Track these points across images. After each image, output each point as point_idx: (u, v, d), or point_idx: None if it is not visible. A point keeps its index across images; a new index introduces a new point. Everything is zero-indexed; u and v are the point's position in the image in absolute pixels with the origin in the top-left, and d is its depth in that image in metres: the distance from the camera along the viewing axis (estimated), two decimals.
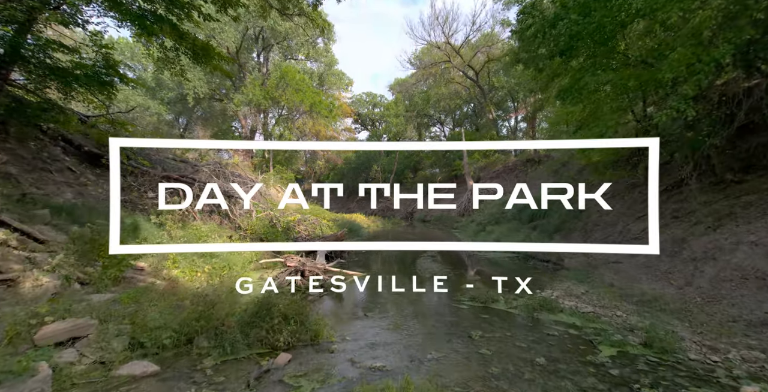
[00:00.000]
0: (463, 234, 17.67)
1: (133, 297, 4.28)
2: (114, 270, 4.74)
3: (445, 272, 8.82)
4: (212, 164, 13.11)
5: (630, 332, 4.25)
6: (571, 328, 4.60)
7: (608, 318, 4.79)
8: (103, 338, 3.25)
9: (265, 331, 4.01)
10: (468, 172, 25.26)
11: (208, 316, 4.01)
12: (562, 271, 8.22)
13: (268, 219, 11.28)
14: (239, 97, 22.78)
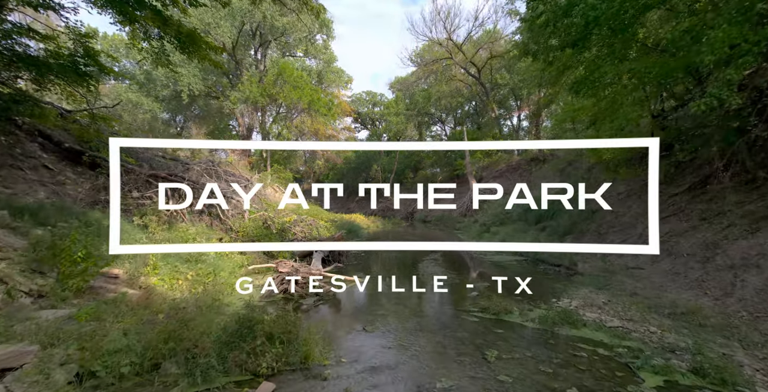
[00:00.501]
0: (466, 236, 17.08)
1: (93, 313, 3.68)
2: (77, 280, 4.15)
3: (449, 277, 8.23)
4: (204, 162, 12.52)
5: (671, 353, 3.66)
6: (599, 347, 4.01)
7: (641, 335, 4.20)
8: (42, 368, 2.66)
9: (245, 354, 3.41)
10: (470, 171, 24.67)
11: (179, 336, 3.41)
12: (577, 277, 7.62)
13: (262, 221, 10.68)
14: (235, 94, 22.19)
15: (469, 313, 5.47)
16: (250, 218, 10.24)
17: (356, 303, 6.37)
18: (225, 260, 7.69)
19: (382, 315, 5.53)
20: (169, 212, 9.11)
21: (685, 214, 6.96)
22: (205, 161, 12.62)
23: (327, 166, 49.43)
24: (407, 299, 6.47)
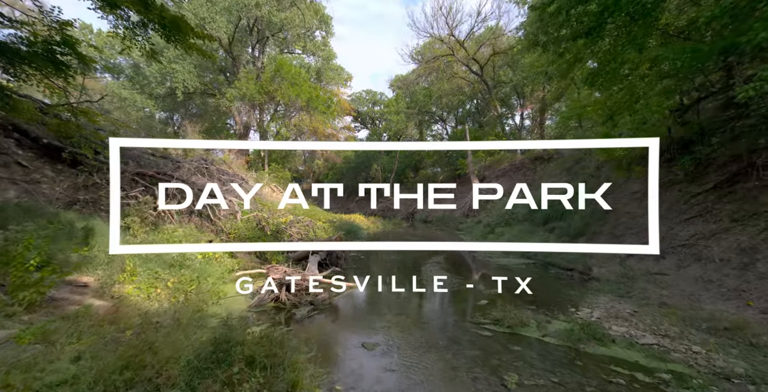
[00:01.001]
0: (469, 237, 16.52)
1: (42, 333, 3.12)
2: (30, 291, 3.59)
3: (455, 283, 7.66)
4: (196, 161, 11.96)
5: (727, 381, 3.10)
6: (637, 370, 3.44)
7: (683, 356, 3.63)
8: None
9: (220, 384, 2.85)
10: (473, 171, 24.10)
11: (141, 363, 2.84)
12: (593, 283, 7.05)
13: (255, 222, 10.12)
14: (232, 91, 21.63)
15: (480, 326, 4.90)
16: (243, 219, 9.68)
17: (355, 313, 5.80)
18: (213, 264, 7.13)
19: (384, 327, 4.96)
20: (156, 212, 8.56)
21: (713, 215, 6.39)
22: (197, 159, 12.07)
23: (326, 166, 48.93)
24: (410, 307, 5.91)
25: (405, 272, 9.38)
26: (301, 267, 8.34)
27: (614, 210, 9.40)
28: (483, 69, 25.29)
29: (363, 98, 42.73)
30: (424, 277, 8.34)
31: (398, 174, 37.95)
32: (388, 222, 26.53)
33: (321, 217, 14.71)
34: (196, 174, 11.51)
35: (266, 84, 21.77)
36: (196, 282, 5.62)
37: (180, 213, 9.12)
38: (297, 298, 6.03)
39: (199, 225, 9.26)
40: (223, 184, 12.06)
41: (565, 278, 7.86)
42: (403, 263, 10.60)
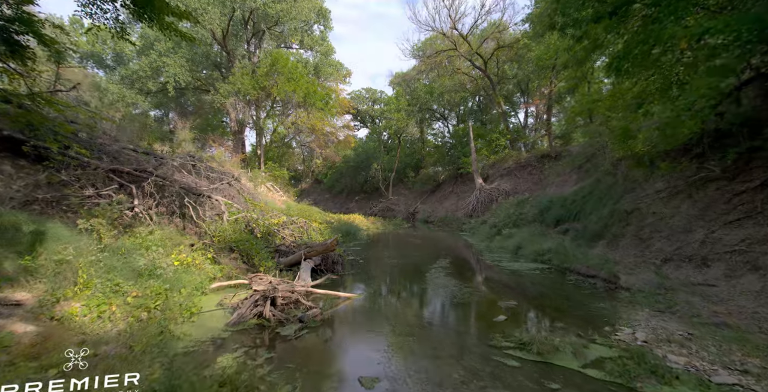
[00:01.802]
0: (475, 238, 15.65)
1: None
2: None
3: (465, 292, 6.79)
4: (182, 157, 11.09)
5: None
6: None
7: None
8: None
9: None
10: (476, 169, 23.24)
11: None
12: (622, 294, 6.18)
13: (244, 223, 9.26)
14: (225, 86, 20.76)
15: (503, 351, 4.03)
16: (230, 220, 8.81)
17: (351, 332, 4.93)
18: (190, 272, 6.27)
19: (385, 353, 4.10)
20: (133, 213, 7.71)
21: (765, 217, 5.52)
22: (182, 156, 11.20)
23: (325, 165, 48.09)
24: (416, 325, 5.05)
25: (408, 279, 8.51)
26: (292, 275, 7.49)
27: (637, 211, 8.54)
28: (487, 64, 24.42)
29: (362, 96, 41.88)
30: (430, 285, 7.47)
31: (399, 173, 37.10)
32: (388, 222, 25.70)
33: (317, 218, 13.86)
34: (181, 171, 10.64)
35: (261, 79, 20.90)
36: (164, 296, 4.74)
37: (160, 213, 8.26)
38: (284, 314, 5.17)
39: (181, 227, 8.41)
40: (212, 182, 11.21)
41: (588, 286, 6.99)
42: (405, 268, 9.75)
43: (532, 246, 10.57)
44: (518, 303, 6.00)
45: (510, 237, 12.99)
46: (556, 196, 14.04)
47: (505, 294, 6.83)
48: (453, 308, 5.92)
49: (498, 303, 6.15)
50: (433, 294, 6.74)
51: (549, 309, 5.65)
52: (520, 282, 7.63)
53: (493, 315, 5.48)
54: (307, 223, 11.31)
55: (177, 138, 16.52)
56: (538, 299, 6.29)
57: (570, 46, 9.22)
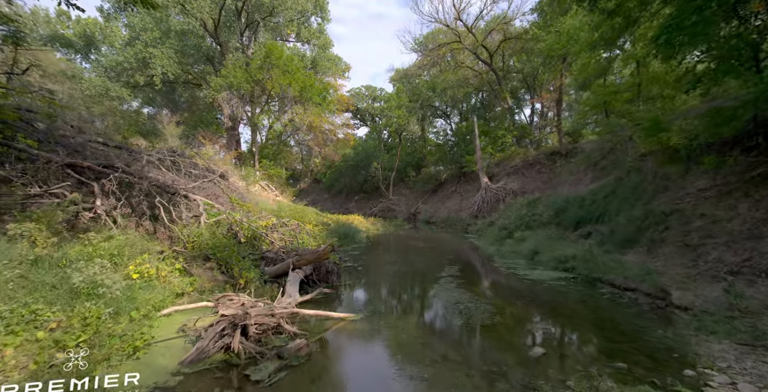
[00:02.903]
0: (483, 241, 14.51)
1: None
2: None
3: (484, 310, 5.66)
4: (159, 152, 9.95)
5: None
6: None
7: None
8: None
9: None
10: (481, 167, 22.10)
11: None
12: (679, 315, 5.04)
13: (226, 226, 8.11)
14: (217, 80, 19.62)
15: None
16: (209, 223, 7.67)
17: (344, 375, 3.79)
18: (151, 288, 5.13)
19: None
20: (93, 214, 6.58)
21: None
22: (161, 151, 10.05)
23: (324, 164, 46.93)
24: (430, 359, 3.91)
25: (414, 292, 7.37)
26: (279, 287, 6.34)
27: (678, 212, 7.40)
28: (492, 57, 23.28)
29: (362, 94, 40.76)
30: (440, 300, 6.33)
31: (399, 172, 35.97)
32: (389, 223, 24.55)
33: (312, 219, 12.72)
34: (159, 168, 9.51)
35: (255, 72, 19.76)
36: (95, 326, 3.59)
37: (126, 215, 7.12)
38: (260, 345, 4.03)
39: (151, 230, 7.26)
40: (194, 180, 10.07)
41: (629, 303, 5.86)
42: (409, 277, 8.61)
43: (552, 252, 9.43)
44: (552, 327, 4.87)
45: (523, 240, 11.85)
46: (572, 196, 12.90)
47: (532, 313, 5.69)
48: (473, 334, 4.78)
49: (527, 326, 5.01)
50: (445, 314, 5.60)
51: (594, 336, 4.52)
52: (546, 296, 6.49)
53: (525, 344, 4.35)
54: (300, 226, 10.17)
55: (164, 133, 15.39)
56: (575, 321, 5.16)
57: (598, 24, 8.09)
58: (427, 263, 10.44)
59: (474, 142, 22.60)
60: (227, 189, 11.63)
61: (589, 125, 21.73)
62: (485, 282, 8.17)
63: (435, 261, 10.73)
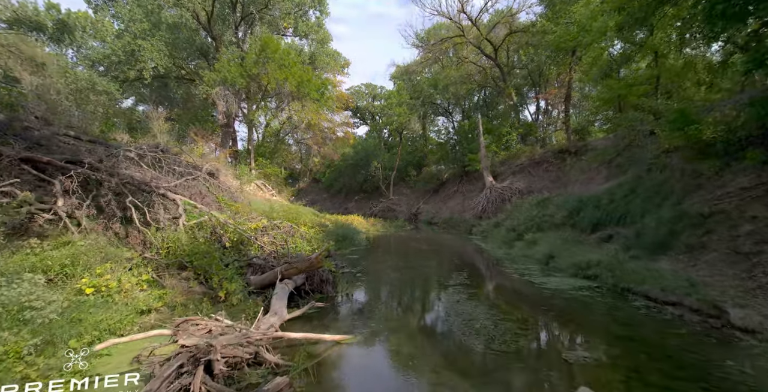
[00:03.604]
0: (490, 244, 13.65)
1: None
2: None
3: (505, 330, 4.79)
4: (140, 147, 9.08)
5: None
6: None
7: None
8: None
9: None
10: (486, 166, 21.24)
11: None
12: (746, 339, 4.17)
13: (209, 229, 7.24)
14: (211, 75, 18.75)
15: None
16: (188, 226, 6.79)
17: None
18: (108, 305, 4.27)
19: None
20: (51, 216, 5.74)
21: None
22: (140, 146, 9.18)
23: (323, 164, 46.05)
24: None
25: (420, 305, 6.50)
26: (264, 299, 5.48)
27: (721, 214, 6.53)
28: (497, 52, 22.40)
29: (362, 92, 39.93)
30: (451, 316, 5.47)
31: (400, 171, 35.12)
32: (389, 224, 23.71)
33: (308, 221, 11.85)
34: (138, 164, 8.64)
35: (250, 66, 18.89)
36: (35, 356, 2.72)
37: (93, 217, 6.26)
38: (231, 384, 3.16)
39: (123, 234, 6.39)
40: (178, 177, 9.19)
41: (675, 322, 4.99)
42: (414, 285, 7.75)
43: (570, 257, 8.56)
44: (591, 353, 4.00)
45: (535, 243, 10.99)
46: (586, 196, 12.03)
47: (561, 333, 4.83)
48: (497, 364, 3.91)
49: (560, 351, 4.14)
50: (460, 334, 4.73)
51: (646, 369, 3.65)
52: (572, 311, 5.63)
53: (565, 377, 3.48)
54: (294, 228, 9.30)
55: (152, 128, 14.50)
56: (615, 344, 4.29)
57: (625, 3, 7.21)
58: (431, 268, 9.58)
59: (478, 139, 21.75)
60: (216, 188, 10.75)
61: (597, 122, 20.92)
62: (499, 291, 7.30)
63: (440, 266, 9.88)
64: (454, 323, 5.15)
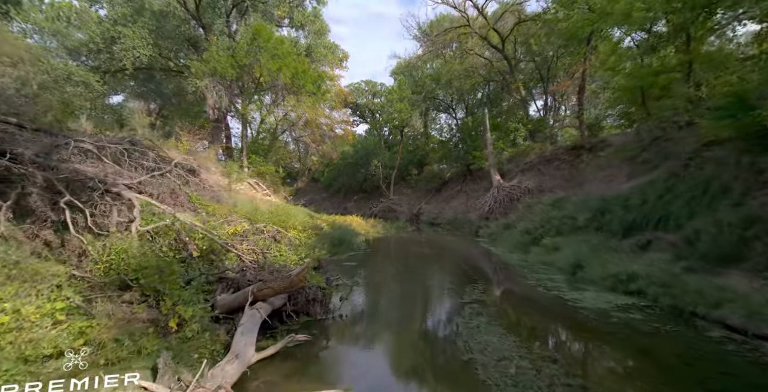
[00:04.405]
0: (501, 247, 12.35)
1: None
2: None
3: (548, 374, 3.50)
4: (98, 140, 7.77)
5: None
6: None
7: None
8: None
9: None
10: (493, 164, 19.95)
11: None
12: None
13: (173, 235, 5.94)
14: (199, 65, 17.45)
15: None
16: (142, 231, 5.49)
17: None
18: None
19: None
20: None
21: None
22: (99, 138, 7.86)
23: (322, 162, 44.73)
24: None
25: (435, 336, 5.18)
26: (226, 335, 4.17)
27: None
28: (504, 43, 21.09)
29: (362, 89, 38.62)
30: (477, 353, 4.15)
31: (401, 170, 33.86)
32: (390, 225, 22.34)
33: (300, 223, 10.54)
34: (98, 158, 7.34)
35: (241, 55, 17.59)
36: None
37: (14, 221, 4.96)
38: None
39: (57, 243, 5.09)
40: (150, 172, 7.88)
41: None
42: (423, 305, 6.44)
43: (603, 267, 7.26)
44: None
45: (556, 249, 9.69)
46: (609, 195, 10.73)
47: (627, 385, 3.53)
48: None
49: None
50: (494, 387, 3.42)
51: None
52: (628, 344, 4.33)
53: None
54: (281, 232, 7.99)
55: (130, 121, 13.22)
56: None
57: None
58: (440, 279, 8.30)
59: (484, 136, 20.45)
60: (196, 186, 9.47)
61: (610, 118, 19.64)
62: (526, 312, 5.99)
63: (450, 276, 8.59)
64: (480, 365, 3.85)
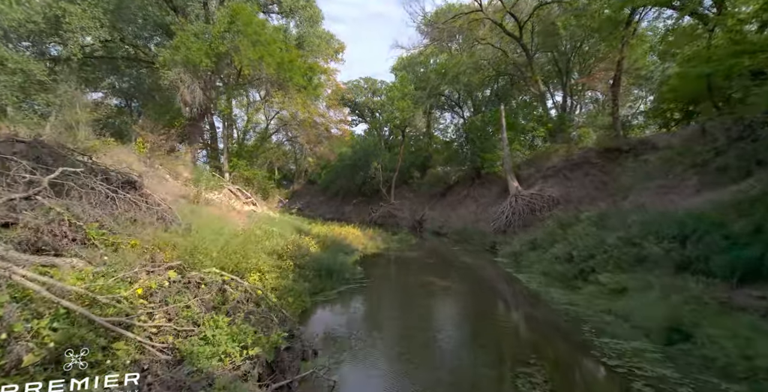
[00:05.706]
0: (529, 275, 9.71)
1: None
2: None
3: None
4: None
5: None
6: None
7: None
8: None
9: None
10: (509, 168, 17.31)
11: None
12: None
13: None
14: (166, 53, 14.83)
15: None
16: None
17: None
18: None
19: None
20: None
21: None
22: None
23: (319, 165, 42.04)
24: None
25: None
26: None
27: None
28: (522, 30, 18.47)
29: (361, 87, 36.07)
30: None
31: (402, 173, 31.37)
32: (390, 236, 19.60)
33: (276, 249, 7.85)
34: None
35: (216, 42, 14.95)
36: None
37: None
38: None
39: None
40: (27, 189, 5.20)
41: None
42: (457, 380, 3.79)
43: (730, 341, 4.61)
44: None
45: (620, 292, 7.08)
46: (687, 213, 8.01)
47: None
48: None
49: None
50: None
51: None
52: None
53: None
54: (232, 281, 5.28)
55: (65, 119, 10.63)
56: None
57: None
58: (467, 344, 5.63)
59: (501, 135, 17.77)
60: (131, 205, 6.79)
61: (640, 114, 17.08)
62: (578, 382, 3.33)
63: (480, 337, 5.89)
64: None
